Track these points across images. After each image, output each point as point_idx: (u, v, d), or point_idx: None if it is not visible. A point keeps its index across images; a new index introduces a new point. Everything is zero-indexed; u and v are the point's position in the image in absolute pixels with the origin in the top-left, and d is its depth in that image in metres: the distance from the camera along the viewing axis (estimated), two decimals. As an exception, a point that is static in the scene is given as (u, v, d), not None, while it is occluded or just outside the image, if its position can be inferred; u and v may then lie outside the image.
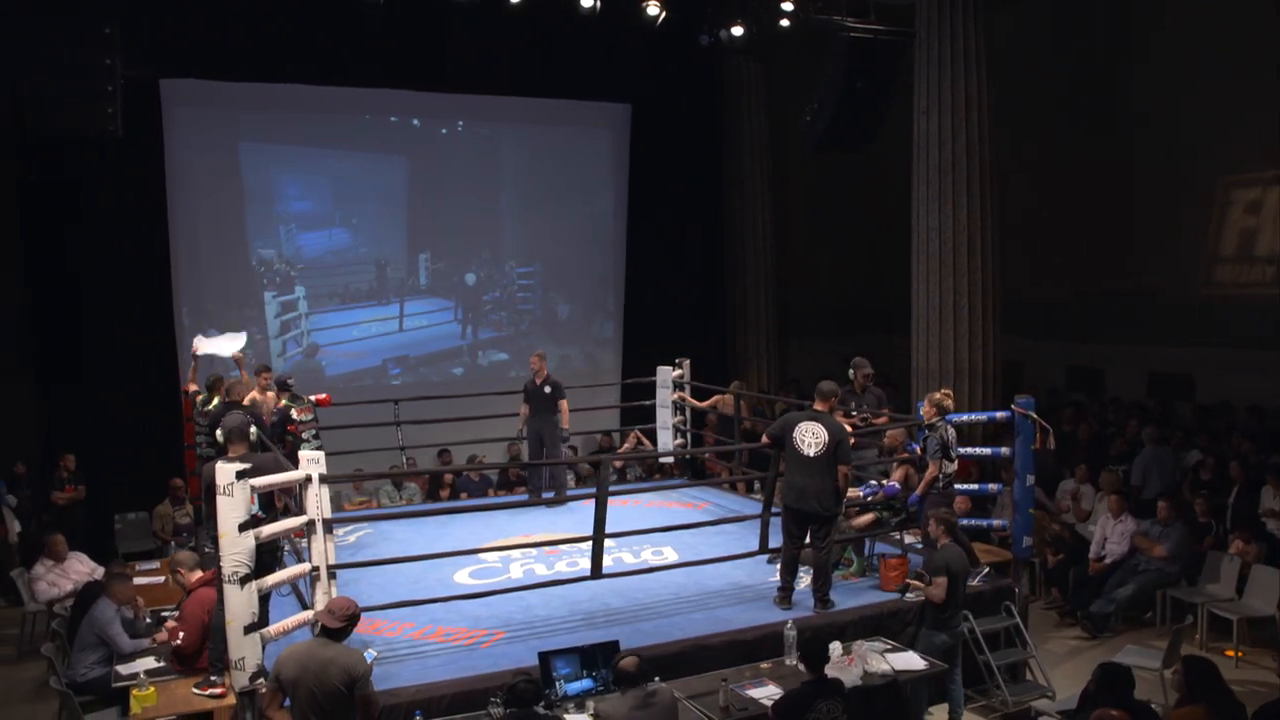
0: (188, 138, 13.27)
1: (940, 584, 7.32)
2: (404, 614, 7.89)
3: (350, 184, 14.66)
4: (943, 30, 12.09)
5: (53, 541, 9.91)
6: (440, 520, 10.87)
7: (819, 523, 7.96)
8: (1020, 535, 8.80)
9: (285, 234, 14.22)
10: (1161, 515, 10.16)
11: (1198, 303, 13.84)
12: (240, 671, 6.26)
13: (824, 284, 18.47)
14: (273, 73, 13.29)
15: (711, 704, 6.51)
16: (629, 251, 16.22)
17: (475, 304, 15.66)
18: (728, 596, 8.37)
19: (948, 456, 8.26)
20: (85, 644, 7.89)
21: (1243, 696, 6.10)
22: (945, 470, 8.30)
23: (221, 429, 6.99)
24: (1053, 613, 10.68)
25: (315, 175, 14.47)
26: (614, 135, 16.13)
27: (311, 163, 14.48)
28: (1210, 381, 13.45)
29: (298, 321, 14.30)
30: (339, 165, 14.55)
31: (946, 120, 12.17)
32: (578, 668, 6.58)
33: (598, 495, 7.89)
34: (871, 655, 7.12)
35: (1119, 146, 14.77)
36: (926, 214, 12.42)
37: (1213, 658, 8.84)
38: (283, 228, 14.28)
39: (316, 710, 5.53)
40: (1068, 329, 15.76)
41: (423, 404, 12.73)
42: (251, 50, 12.87)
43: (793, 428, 8.00)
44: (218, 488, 6.18)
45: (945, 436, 8.29)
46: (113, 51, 8.35)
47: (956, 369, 12.34)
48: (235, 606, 6.23)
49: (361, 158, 14.70)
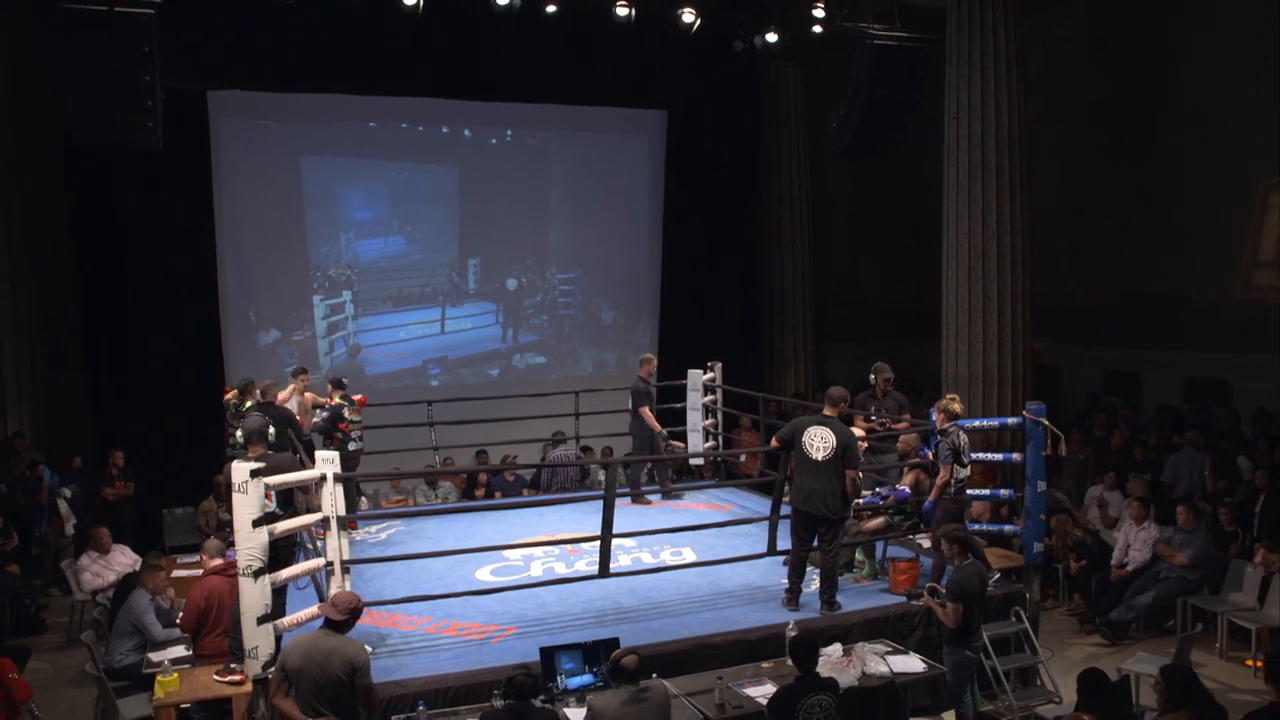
0: (235, 147, 13.80)
1: (954, 609, 7.23)
2: (422, 609, 8.19)
3: (405, 193, 15.19)
4: (973, 36, 12.08)
5: (98, 534, 10.36)
6: (471, 519, 11.16)
7: (826, 525, 8.10)
8: (1031, 541, 8.84)
9: (345, 241, 14.76)
10: (1183, 522, 10.13)
11: (1236, 307, 13.68)
12: (254, 660, 6.59)
13: (863, 288, 18.52)
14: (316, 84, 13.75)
15: (708, 701, 6.68)
16: (665, 256, 16.43)
17: (517, 308, 16.02)
18: (738, 597, 8.55)
19: (959, 461, 8.33)
20: (122, 632, 8.29)
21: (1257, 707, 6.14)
22: (958, 475, 8.37)
23: (241, 430, 7.32)
24: (1074, 619, 10.69)
25: (374, 185, 15.04)
26: (651, 141, 16.37)
27: (369, 172, 15.03)
28: (1247, 387, 13.30)
29: (345, 323, 14.77)
30: (394, 175, 15.10)
31: (976, 126, 12.15)
32: (580, 663, 6.80)
33: (605, 497, 8.10)
34: (871, 657, 7.25)
35: (1161, 150, 14.64)
36: (956, 219, 12.42)
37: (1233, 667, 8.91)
38: (343, 235, 14.80)
39: (319, 698, 5.83)
40: (1107, 334, 15.65)
41: (458, 405, 13.03)
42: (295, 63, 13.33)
43: (802, 432, 8.14)
44: (233, 485, 6.49)
45: (957, 442, 8.36)
46: (152, 68, 8.74)
47: (986, 373, 12.30)
48: (249, 598, 6.55)
49: (415, 167, 15.21)
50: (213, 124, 13.39)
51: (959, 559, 7.41)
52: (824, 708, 6.25)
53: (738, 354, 15.18)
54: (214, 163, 13.51)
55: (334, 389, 10.66)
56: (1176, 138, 14.41)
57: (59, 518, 11.99)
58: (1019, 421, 9.03)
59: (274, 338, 14.50)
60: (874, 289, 18.58)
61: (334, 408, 10.43)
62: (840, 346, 17.99)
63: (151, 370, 13.43)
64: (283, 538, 6.96)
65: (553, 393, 13.01)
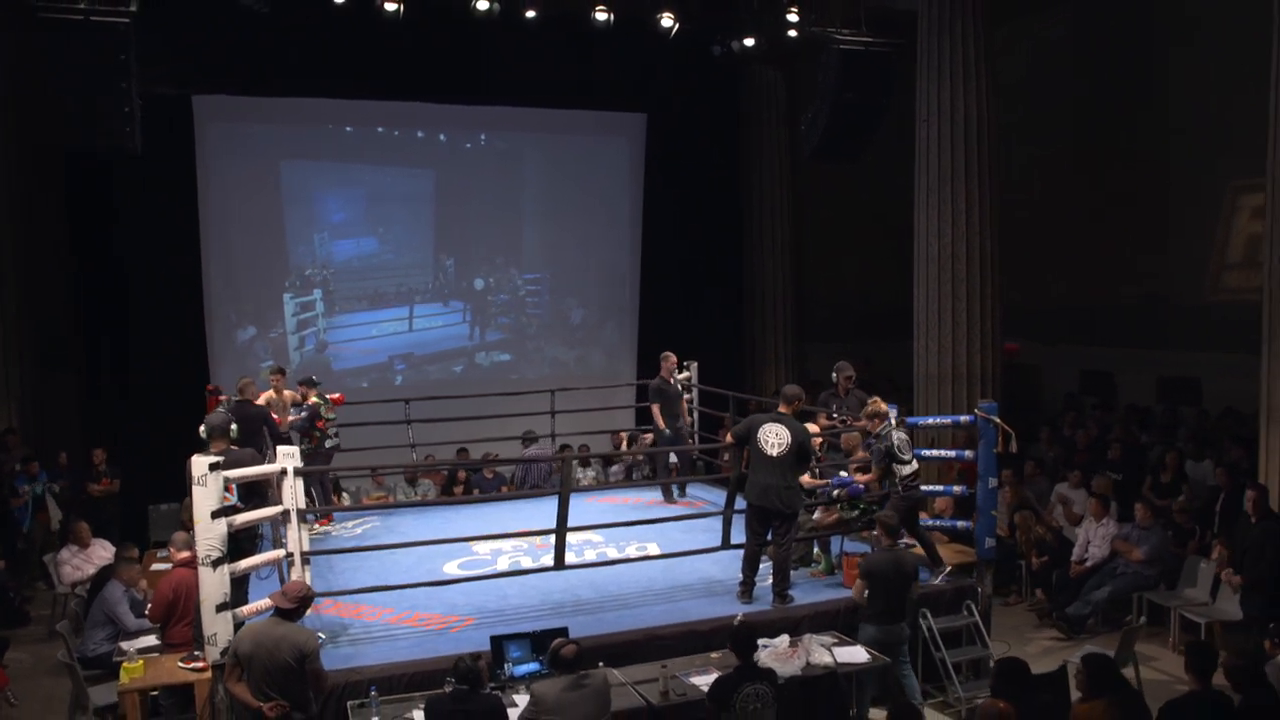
0: (219, 151, 14.12)
1: (858, 585, 7.69)
2: (385, 600, 8.42)
3: (382, 195, 15.52)
4: (943, 40, 12.30)
5: (78, 529, 10.63)
6: (446, 516, 11.32)
7: (780, 520, 8.31)
8: (983, 536, 9.03)
9: (320, 241, 15.08)
10: (1141, 519, 10.32)
11: (1207, 308, 13.87)
12: (213, 646, 6.83)
13: (844, 288, 18.70)
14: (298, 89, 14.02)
15: (653, 689, 6.91)
16: (645, 257, 16.65)
17: (486, 307, 16.35)
18: (694, 590, 8.75)
19: (897, 460, 8.53)
20: (96, 622, 8.58)
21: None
22: (900, 473, 8.58)
23: (204, 426, 7.55)
24: (1034, 614, 10.89)
25: (351, 188, 15.36)
26: (630, 144, 16.61)
27: (347, 175, 15.35)
28: (1217, 387, 13.49)
29: (315, 321, 15.10)
30: (371, 178, 15.41)
31: (946, 129, 12.38)
32: (528, 651, 7.03)
33: (561, 492, 8.32)
34: (816, 648, 7.45)
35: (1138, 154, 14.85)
36: (927, 220, 12.64)
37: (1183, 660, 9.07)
38: (317, 236, 15.11)
39: (269, 682, 6.07)
40: (1083, 334, 15.84)
41: (436, 404, 13.23)
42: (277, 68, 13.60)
43: (758, 428, 8.35)
44: (193, 479, 6.74)
45: (892, 443, 8.57)
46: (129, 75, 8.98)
47: (956, 372, 12.53)
48: (208, 587, 6.80)
49: (393, 170, 15.52)
50: (198, 128, 13.67)
51: (884, 541, 7.75)
52: (760, 696, 6.49)
53: (718, 354, 15.41)
54: (199, 166, 13.80)
55: (308, 388, 10.87)
56: (1153, 142, 14.62)
57: (45, 513, 12.25)
58: (971, 419, 9.21)
59: (250, 335, 14.84)
60: (855, 289, 18.78)
61: (311, 407, 10.66)
62: (821, 346, 18.10)
63: (141, 368, 13.72)
64: (243, 529, 7.21)
65: (530, 391, 13.23)
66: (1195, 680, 6.21)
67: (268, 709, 6.02)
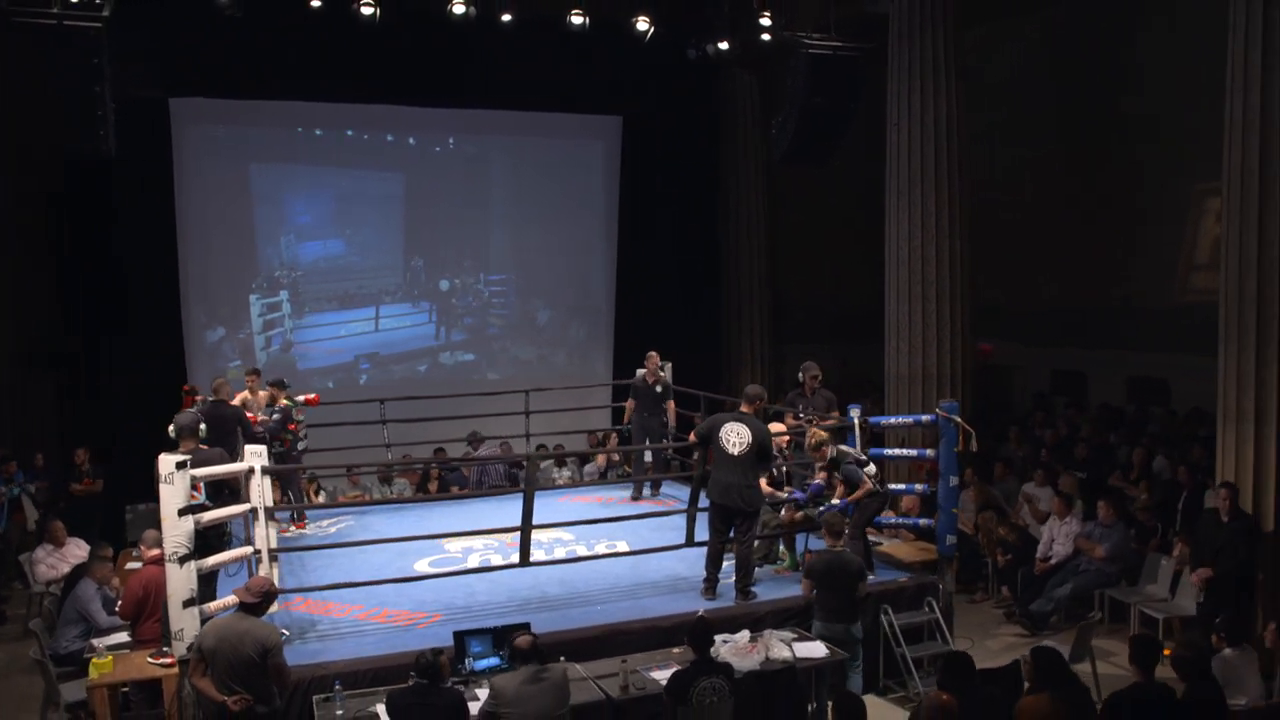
0: (196, 153, 14.30)
1: (804, 584, 8.01)
2: (355, 597, 8.55)
3: (350, 198, 15.68)
4: (913, 44, 12.46)
5: (53, 528, 10.73)
6: (420, 515, 11.46)
7: (741, 518, 8.45)
8: (943, 534, 9.18)
9: (286, 244, 15.25)
10: (1103, 517, 10.49)
11: (1175, 309, 14.05)
12: (180, 642, 6.95)
13: (821, 290, 18.83)
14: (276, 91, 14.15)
15: (613, 683, 7.03)
16: (621, 258, 16.78)
17: (452, 308, 16.51)
18: (660, 587, 8.89)
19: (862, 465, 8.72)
20: (68, 620, 8.69)
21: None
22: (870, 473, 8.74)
23: (172, 426, 7.66)
24: (1000, 612, 11.05)
25: (317, 190, 15.54)
26: (607, 146, 16.78)
27: (318, 178, 15.56)
28: (1185, 387, 13.67)
29: (281, 321, 15.27)
30: (342, 180, 15.60)
31: (916, 132, 12.54)
32: (489, 646, 7.16)
33: (526, 490, 8.45)
34: (776, 643, 7.59)
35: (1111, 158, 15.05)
36: (897, 223, 12.81)
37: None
38: (284, 238, 15.29)
39: (233, 677, 6.18)
40: (1056, 335, 16.03)
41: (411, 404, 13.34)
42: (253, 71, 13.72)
43: (719, 427, 8.49)
44: (160, 477, 6.85)
45: (850, 459, 8.76)
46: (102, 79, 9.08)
47: (926, 373, 12.69)
48: (175, 583, 6.93)
49: (360, 174, 15.70)
50: (175, 130, 13.79)
51: (829, 542, 7.97)
52: (717, 690, 6.64)
53: (695, 355, 15.51)
54: (176, 168, 13.93)
55: (277, 390, 10.98)
56: (1124, 147, 14.80)
57: (21, 513, 12.32)
58: (933, 419, 9.37)
59: (219, 335, 15.01)
60: (831, 291, 18.91)
61: (284, 409, 10.77)
62: (799, 348, 18.24)
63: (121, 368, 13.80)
64: (212, 527, 7.32)
65: (504, 391, 13.35)
66: (1139, 672, 6.38)
67: (231, 702, 6.13)
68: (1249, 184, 9.08)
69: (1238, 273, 9.22)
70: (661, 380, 12.09)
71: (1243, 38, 9.12)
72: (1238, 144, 9.19)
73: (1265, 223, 8.98)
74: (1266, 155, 8.95)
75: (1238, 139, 9.19)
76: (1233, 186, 9.27)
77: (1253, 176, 9.05)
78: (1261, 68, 8.96)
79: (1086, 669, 8.49)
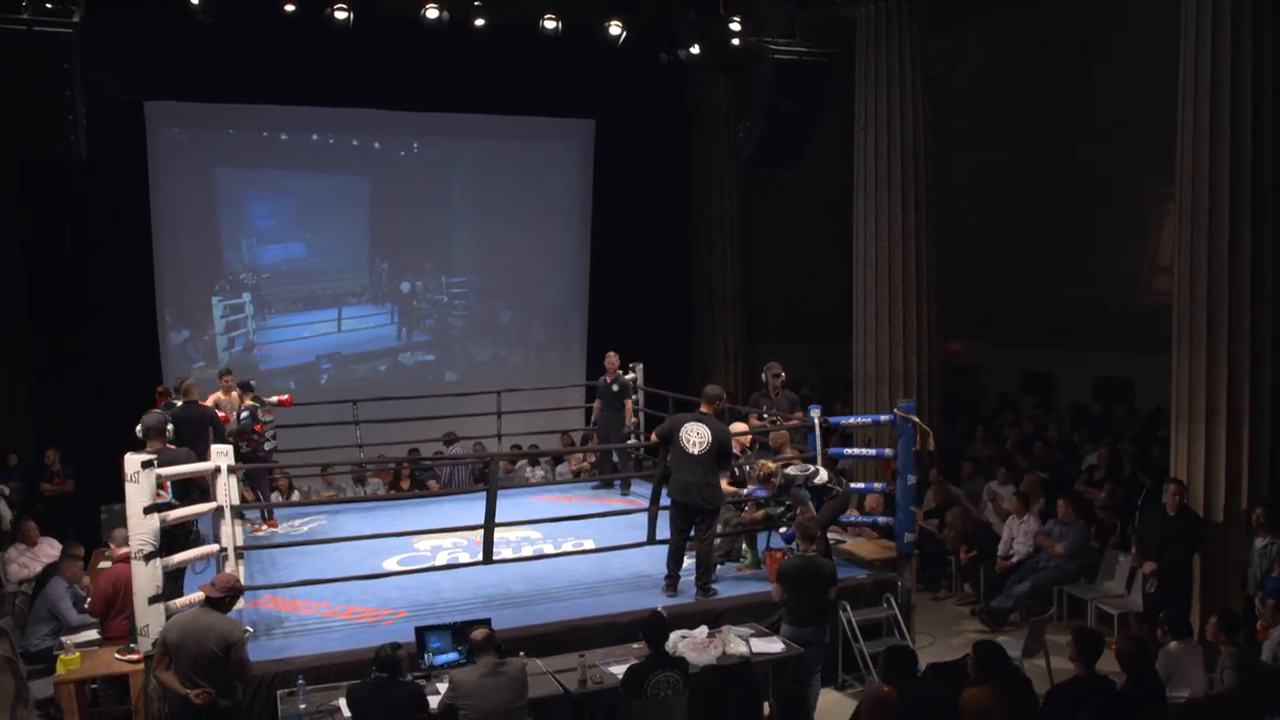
0: (169, 156, 14.49)
1: (774, 589, 8.08)
2: (323, 594, 8.70)
3: (314, 202, 15.90)
4: (879, 49, 12.66)
5: (25, 527, 10.84)
6: (393, 514, 11.60)
7: (702, 516, 8.62)
8: (902, 532, 9.36)
9: (247, 247, 15.47)
10: (1062, 514, 10.69)
11: (1139, 310, 14.27)
12: (145, 637, 7.09)
13: (795, 291, 19.02)
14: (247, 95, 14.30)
15: (571, 677, 7.21)
16: (594, 259, 16.94)
17: (413, 310, 16.68)
18: (622, 584, 9.08)
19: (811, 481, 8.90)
20: (39, 618, 8.82)
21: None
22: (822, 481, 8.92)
23: (140, 426, 7.80)
24: (963, 608, 11.25)
25: (281, 194, 15.79)
26: (580, 149, 16.93)
27: (279, 183, 15.82)
28: (1149, 387, 13.88)
29: (244, 323, 15.46)
30: (304, 185, 15.84)
31: (883, 135, 12.73)
32: (448, 642, 7.33)
33: (489, 490, 8.60)
34: (733, 639, 7.78)
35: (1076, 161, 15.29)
36: (865, 225, 13.00)
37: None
38: (245, 242, 15.47)
39: (196, 670, 6.31)
40: (1025, 335, 16.26)
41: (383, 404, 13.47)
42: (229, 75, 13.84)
43: (679, 427, 8.67)
44: (126, 476, 6.99)
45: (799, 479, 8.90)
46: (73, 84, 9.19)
47: (893, 373, 12.87)
48: (140, 580, 7.07)
49: (327, 178, 15.92)
50: (150, 133, 13.92)
51: (801, 546, 8.11)
52: (671, 683, 6.81)
53: (669, 355, 15.71)
54: (151, 170, 14.07)
55: (244, 392, 11.10)
56: (1089, 150, 15.04)
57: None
58: (891, 418, 9.55)
59: (185, 336, 15.16)
60: (806, 292, 19.10)
61: (251, 409, 10.89)
62: (775, 348, 18.41)
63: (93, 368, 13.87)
64: (178, 525, 7.46)
65: (477, 392, 13.51)
66: (1080, 665, 6.56)
67: (194, 695, 6.26)
68: (1199, 190, 9.26)
69: (1189, 276, 9.40)
70: (619, 380, 12.32)
71: (1193, 45, 9.29)
72: (1189, 150, 9.37)
73: (1215, 228, 9.15)
74: (1216, 162, 9.12)
75: (1189, 145, 9.37)
76: (1184, 192, 9.45)
77: (1203, 182, 9.22)
78: (1211, 78, 9.13)
79: (1041, 663, 8.70)
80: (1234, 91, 9.03)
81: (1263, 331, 9.12)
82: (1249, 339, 9.12)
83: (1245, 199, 9.04)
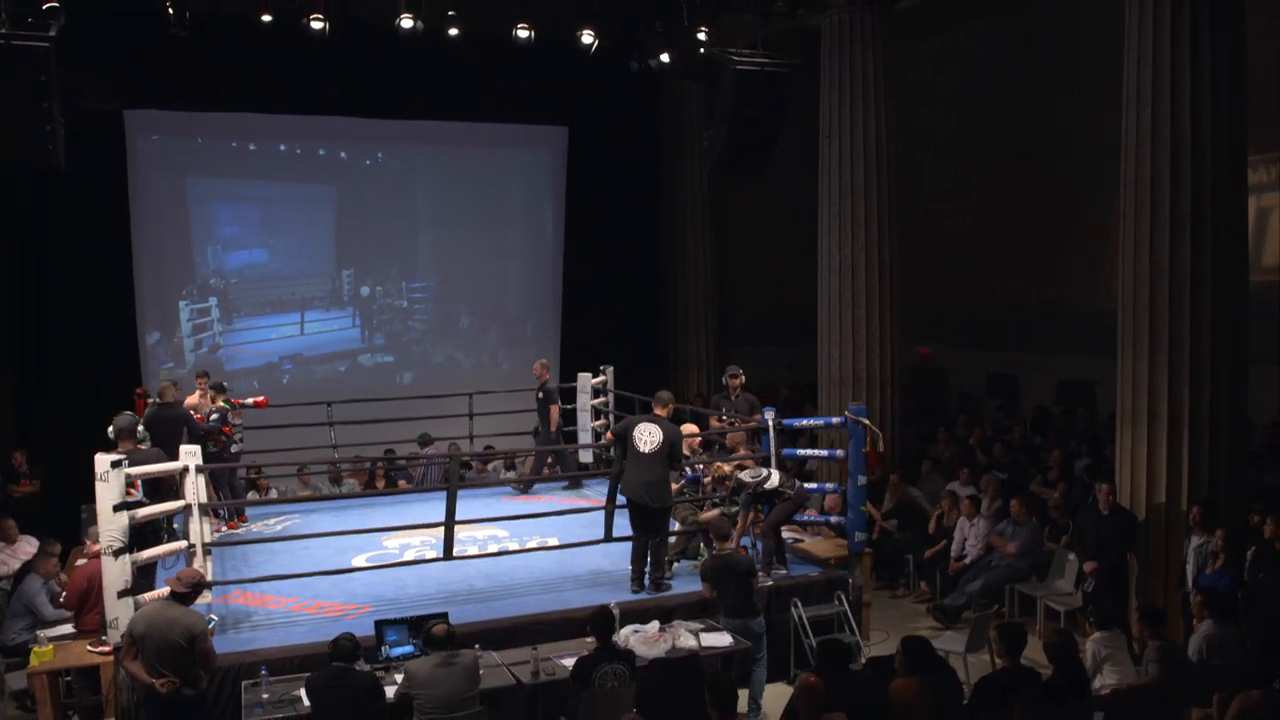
0: (145, 163, 14.88)
1: (704, 587, 8.42)
2: (291, 590, 8.99)
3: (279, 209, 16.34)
4: (843, 59, 13.00)
5: (5, 525, 11.08)
6: (365, 513, 11.89)
7: (653, 514, 8.94)
8: (853, 531, 9.68)
9: (213, 253, 15.85)
10: (1015, 514, 11.02)
11: (1100, 315, 14.56)
12: (115, 630, 7.37)
13: (769, 295, 19.30)
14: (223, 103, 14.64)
15: (524, 669, 7.51)
16: (567, 264, 17.26)
17: (377, 314, 17.03)
18: (581, 580, 9.38)
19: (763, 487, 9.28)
20: (15, 613, 9.10)
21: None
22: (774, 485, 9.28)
23: (111, 427, 8.10)
24: (920, 606, 11.57)
25: (247, 202, 16.22)
26: (553, 156, 17.26)
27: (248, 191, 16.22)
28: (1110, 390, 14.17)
29: (210, 326, 15.86)
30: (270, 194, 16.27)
31: (847, 144, 13.07)
32: (405, 635, 7.63)
33: (448, 488, 8.91)
34: (683, 633, 8.08)
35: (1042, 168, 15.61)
36: (829, 231, 13.33)
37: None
38: (210, 249, 15.82)
39: (161, 660, 6.61)
40: (991, 339, 16.58)
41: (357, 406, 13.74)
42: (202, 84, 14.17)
43: (633, 428, 8.99)
44: (96, 475, 7.28)
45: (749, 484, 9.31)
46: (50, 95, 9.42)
47: (857, 376, 13.19)
48: (110, 575, 7.36)
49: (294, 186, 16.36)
50: (129, 141, 14.24)
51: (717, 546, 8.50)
52: (618, 675, 7.14)
53: (641, 358, 16.01)
54: (130, 177, 14.40)
55: (216, 393, 11.39)
56: (1055, 156, 15.37)
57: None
58: (842, 420, 9.86)
59: (155, 339, 15.48)
60: (778, 297, 19.35)
61: (221, 410, 11.18)
62: (748, 351, 18.73)
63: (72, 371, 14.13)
64: (148, 522, 7.76)
65: (448, 394, 13.81)
66: (1005, 658, 6.88)
67: (160, 685, 6.56)
68: (1142, 199, 9.55)
69: (1133, 283, 9.71)
70: (544, 387, 12.83)
71: (1135, 57, 9.58)
72: (1132, 160, 9.66)
73: (1155, 237, 9.44)
74: (1157, 172, 9.41)
75: (1132, 155, 9.66)
76: (1128, 201, 9.75)
77: (1145, 192, 9.51)
78: (1152, 90, 9.42)
79: (985, 657, 9.01)
80: (1174, 102, 9.29)
81: (1202, 337, 9.39)
82: (1189, 344, 9.41)
83: (1185, 208, 9.29)
